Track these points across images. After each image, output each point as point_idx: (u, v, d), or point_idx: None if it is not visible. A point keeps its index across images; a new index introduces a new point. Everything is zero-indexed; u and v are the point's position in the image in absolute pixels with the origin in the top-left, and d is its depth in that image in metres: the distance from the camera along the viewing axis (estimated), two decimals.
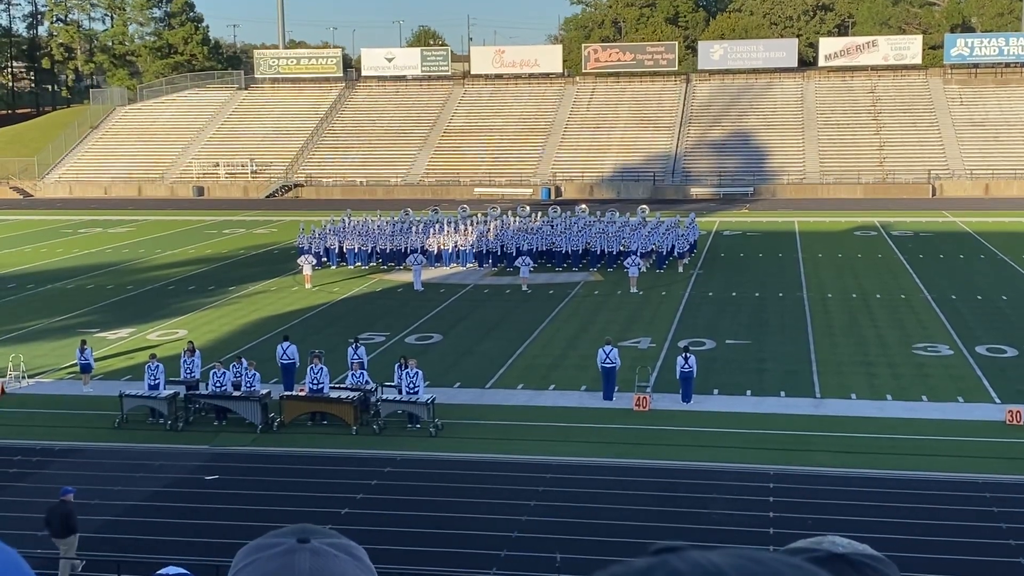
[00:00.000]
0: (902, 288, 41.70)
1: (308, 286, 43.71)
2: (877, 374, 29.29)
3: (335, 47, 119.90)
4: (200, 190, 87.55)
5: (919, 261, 47.89)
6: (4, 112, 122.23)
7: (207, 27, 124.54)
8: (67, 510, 17.75)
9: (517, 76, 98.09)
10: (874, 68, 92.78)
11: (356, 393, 25.45)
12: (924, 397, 26.97)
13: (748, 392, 27.60)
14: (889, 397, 27.00)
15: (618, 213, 52.99)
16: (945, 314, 36.61)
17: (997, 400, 26.44)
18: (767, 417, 25.44)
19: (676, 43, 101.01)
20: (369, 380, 26.31)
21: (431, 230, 49.73)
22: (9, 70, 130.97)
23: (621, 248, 47.18)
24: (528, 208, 55.35)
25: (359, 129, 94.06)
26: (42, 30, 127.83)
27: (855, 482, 21.06)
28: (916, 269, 45.77)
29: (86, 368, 28.93)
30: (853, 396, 27.09)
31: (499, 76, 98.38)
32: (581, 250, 48.04)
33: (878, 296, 40.15)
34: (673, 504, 20.26)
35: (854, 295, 40.40)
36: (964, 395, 27.03)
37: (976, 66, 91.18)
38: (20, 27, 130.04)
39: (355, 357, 27.35)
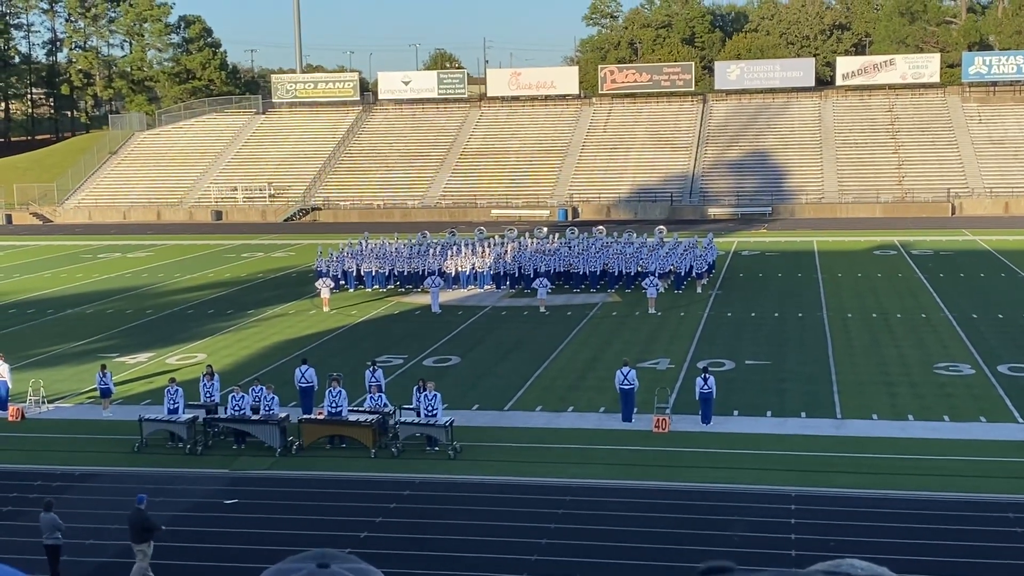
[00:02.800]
0: (922, 307, 41.47)
1: (326, 309, 43.79)
2: (898, 394, 29.09)
3: (352, 71, 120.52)
4: (218, 214, 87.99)
5: (939, 280, 47.64)
6: (24, 138, 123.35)
7: (225, 52, 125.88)
8: (144, 517, 18.24)
9: (533, 98, 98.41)
10: (892, 87, 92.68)
11: (375, 416, 25.43)
12: (946, 417, 26.75)
13: (768, 413, 27.46)
14: (911, 417, 26.80)
15: (636, 234, 52.95)
16: (966, 333, 36.38)
17: (1020, 420, 26.21)
18: (788, 438, 25.30)
19: (693, 63, 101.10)
20: (387, 403, 26.30)
21: (448, 252, 49.77)
22: (28, 97, 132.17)
23: (639, 269, 47.10)
24: (545, 230, 55.39)
25: (376, 152, 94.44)
26: (61, 57, 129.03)
27: (877, 503, 20.89)
28: (936, 288, 45.54)
29: (106, 393, 29.02)
30: (875, 416, 26.90)
31: (515, 98, 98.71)
32: (599, 271, 47.96)
33: (898, 315, 39.94)
34: (693, 526, 20.14)
35: (874, 314, 40.20)
36: (986, 415, 26.80)
37: (994, 84, 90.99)
38: (39, 54, 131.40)
39: (373, 380, 27.36)
